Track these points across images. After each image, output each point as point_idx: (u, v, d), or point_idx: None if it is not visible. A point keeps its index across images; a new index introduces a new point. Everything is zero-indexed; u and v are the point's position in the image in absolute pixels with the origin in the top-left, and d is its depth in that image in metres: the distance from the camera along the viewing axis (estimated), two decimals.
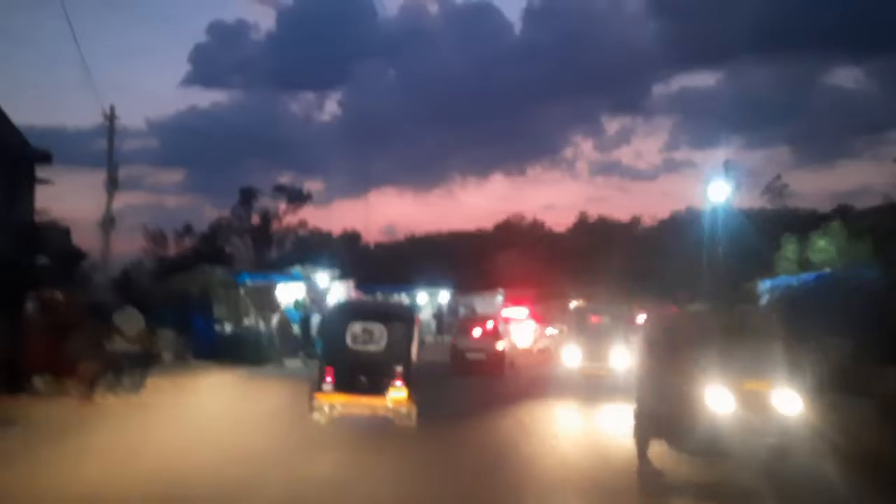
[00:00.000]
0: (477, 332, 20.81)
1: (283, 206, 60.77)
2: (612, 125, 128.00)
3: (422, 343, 12.91)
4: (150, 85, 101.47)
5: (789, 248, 25.18)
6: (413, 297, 36.91)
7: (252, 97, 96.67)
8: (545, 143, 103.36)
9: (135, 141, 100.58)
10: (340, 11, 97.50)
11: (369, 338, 10.82)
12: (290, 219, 61.59)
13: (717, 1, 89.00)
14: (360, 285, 32.56)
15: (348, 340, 10.81)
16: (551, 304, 34.15)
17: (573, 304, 23.84)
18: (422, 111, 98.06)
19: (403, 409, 10.59)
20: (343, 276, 29.37)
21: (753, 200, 66.87)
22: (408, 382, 10.63)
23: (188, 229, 60.52)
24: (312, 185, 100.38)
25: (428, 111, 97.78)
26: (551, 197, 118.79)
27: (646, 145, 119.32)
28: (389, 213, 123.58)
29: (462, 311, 35.40)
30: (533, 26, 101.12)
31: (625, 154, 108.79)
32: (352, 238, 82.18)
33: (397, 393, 10.53)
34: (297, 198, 61.60)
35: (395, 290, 36.03)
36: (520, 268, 58.57)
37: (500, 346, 20.22)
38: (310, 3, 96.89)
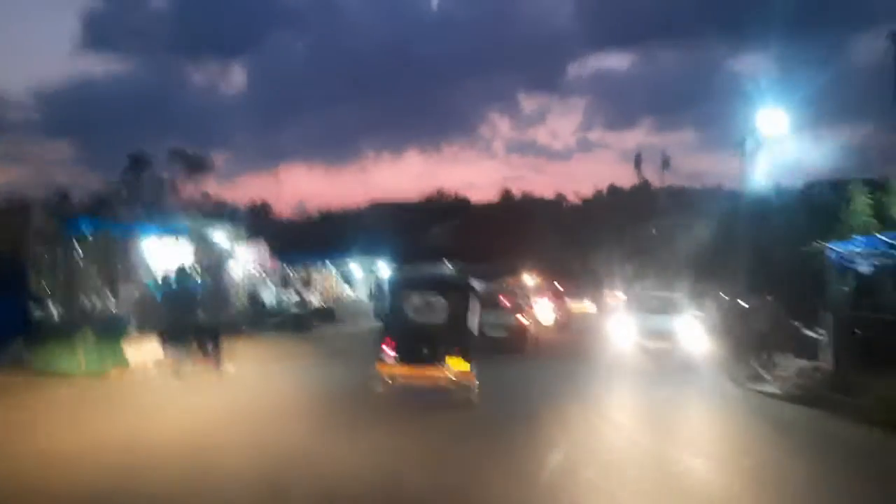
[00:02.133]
0: (496, 306, 17.91)
1: (180, 175, 53.65)
2: (529, 104, 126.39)
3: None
4: (37, 50, 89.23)
5: (859, 202, 19.05)
6: (345, 269, 28.94)
7: (150, 64, 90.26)
8: (461, 121, 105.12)
9: (17, 111, 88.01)
10: None
11: (429, 309, 10.52)
12: (189, 189, 54.46)
13: None
14: (278, 253, 24.46)
15: (408, 312, 10.56)
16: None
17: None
18: (333, 84, 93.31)
19: (465, 382, 10.16)
20: (252, 237, 21.22)
21: (665, 180, 67.83)
22: (468, 355, 10.22)
23: (64, 198, 50.65)
24: (217, 160, 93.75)
25: (340, 84, 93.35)
26: (468, 175, 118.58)
27: (561, 125, 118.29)
28: (300, 189, 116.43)
29: None
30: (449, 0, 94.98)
31: (540, 133, 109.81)
32: (261, 210, 73.29)
33: (458, 365, 10.11)
34: (196, 165, 54.74)
35: (321, 259, 27.86)
36: (461, 240, 52.96)
37: (523, 321, 17.97)
38: None
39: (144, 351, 12.35)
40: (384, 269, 29.58)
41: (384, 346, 10.18)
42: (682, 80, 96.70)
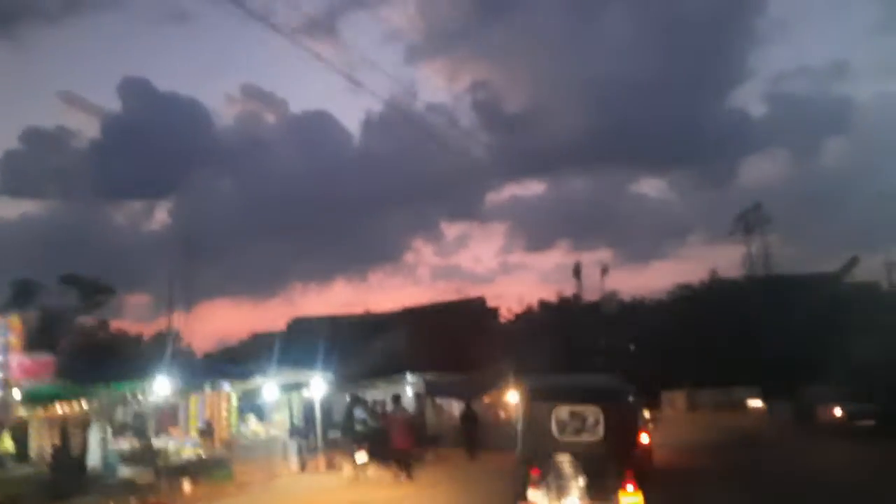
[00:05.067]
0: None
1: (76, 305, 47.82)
2: (451, 231, 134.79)
3: None
4: None
5: None
6: (251, 392, 18.24)
7: (71, 208, 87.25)
8: (386, 249, 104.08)
9: None
10: (173, 120, 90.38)
11: (581, 425, 8.20)
12: (86, 320, 49.23)
13: (538, 117, 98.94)
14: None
15: (554, 430, 8.23)
16: None
17: None
18: (257, 220, 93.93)
19: None
20: None
21: (604, 288, 63.18)
22: (641, 482, 7.64)
23: None
24: (138, 300, 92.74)
25: (267, 220, 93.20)
26: (395, 301, 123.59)
27: (483, 250, 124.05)
28: (224, 324, 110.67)
29: (358, 413, 17.32)
30: (371, 137, 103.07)
31: (463, 259, 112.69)
32: (170, 339, 61.87)
33: (628, 499, 7.50)
34: (94, 291, 48.73)
35: (210, 380, 16.99)
36: (413, 349, 43.06)
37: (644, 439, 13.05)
38: (139, 113, 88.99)
39: None
40: (318, 388, 18.91)
41: (530, 477, 7.75)
42: (593, 202, 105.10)
